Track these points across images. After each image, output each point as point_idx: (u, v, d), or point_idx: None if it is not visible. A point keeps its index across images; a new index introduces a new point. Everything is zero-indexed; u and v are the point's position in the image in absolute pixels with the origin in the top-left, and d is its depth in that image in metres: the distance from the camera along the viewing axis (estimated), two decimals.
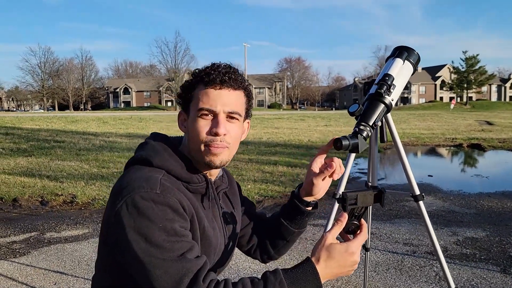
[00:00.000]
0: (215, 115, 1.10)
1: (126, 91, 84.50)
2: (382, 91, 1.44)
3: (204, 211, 1.15)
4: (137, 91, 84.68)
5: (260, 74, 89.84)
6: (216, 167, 1.14)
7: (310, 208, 1.27)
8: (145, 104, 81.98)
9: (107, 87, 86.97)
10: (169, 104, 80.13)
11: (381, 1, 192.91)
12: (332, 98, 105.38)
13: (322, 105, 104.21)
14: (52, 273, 3.36)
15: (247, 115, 1.21)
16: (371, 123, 1.41)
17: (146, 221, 0.97)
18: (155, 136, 1.20)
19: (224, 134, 1.10)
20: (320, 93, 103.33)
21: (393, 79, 1.47)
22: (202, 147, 1.10)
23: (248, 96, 1.19)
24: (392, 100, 1.48)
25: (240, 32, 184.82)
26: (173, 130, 11.58)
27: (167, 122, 22.00)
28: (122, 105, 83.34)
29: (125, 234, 0.98)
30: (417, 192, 1.77)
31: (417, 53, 1.60)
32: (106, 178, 6.88)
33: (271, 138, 14.54)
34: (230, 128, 1.12)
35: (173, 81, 70.60)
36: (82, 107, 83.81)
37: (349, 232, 1.10)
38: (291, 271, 0.97)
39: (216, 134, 1.08)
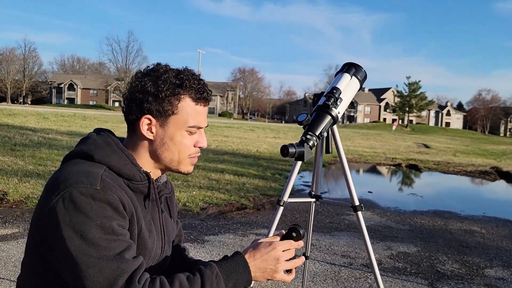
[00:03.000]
0: (198, 129, 1.15)
1: (71, 87, 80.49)
2: (330, 103, 1.49)
3: (144, 211, 1.12)
4: (83, 88, 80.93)
5: (213, 82, 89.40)
6: (189, 174, 1.22)
7: None
8: (91, 103, 78.38)
9: (51, 81, 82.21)
10: (117, 104, 77.07)
11: (334, 22, 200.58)
12: (283, 111, 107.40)
13: (272, 117, 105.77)
14: None
15: None
16: (317, 133, 1.46)
17: (83, 217, 0.93)
18: (99, 131, 1.17)
19: None
20: (271, 105, 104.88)
21: (340, 92, 1.53)
22: (186, 159, 1.15)
23: None
24: (339, 113, 1.54)
25: (195, 38, 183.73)
26: (120, 131, 11.12)
27: (113, 123, 21.22)
28: (66, 101, 79.09)
29: (59, 230, 0.92)
30: (357, 203, 1.84)
31: (364, 70, 1.67)
32: (42, 176, 6.48)
33: (219, 146, 14.49)
34: None
35: (123, 81, 68.26)
36: (21, 100, 78.66)
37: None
38: (224, 264, 1.01)
39: (201, 148, 1.17)
